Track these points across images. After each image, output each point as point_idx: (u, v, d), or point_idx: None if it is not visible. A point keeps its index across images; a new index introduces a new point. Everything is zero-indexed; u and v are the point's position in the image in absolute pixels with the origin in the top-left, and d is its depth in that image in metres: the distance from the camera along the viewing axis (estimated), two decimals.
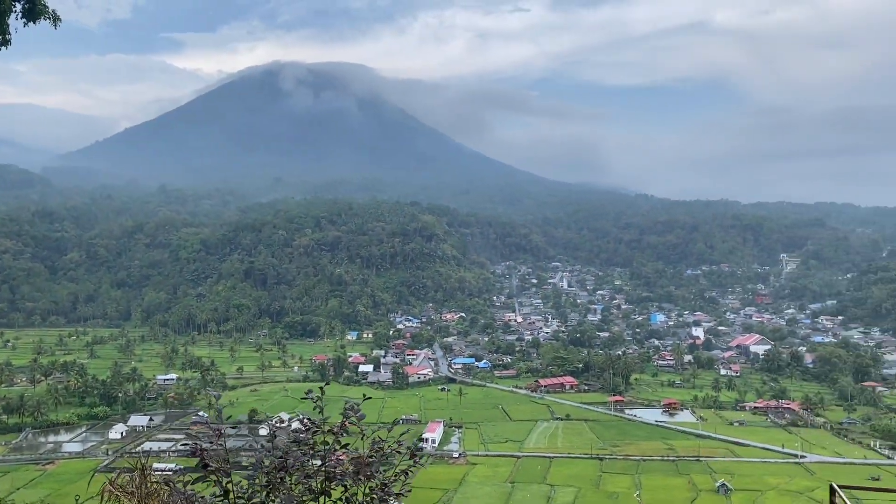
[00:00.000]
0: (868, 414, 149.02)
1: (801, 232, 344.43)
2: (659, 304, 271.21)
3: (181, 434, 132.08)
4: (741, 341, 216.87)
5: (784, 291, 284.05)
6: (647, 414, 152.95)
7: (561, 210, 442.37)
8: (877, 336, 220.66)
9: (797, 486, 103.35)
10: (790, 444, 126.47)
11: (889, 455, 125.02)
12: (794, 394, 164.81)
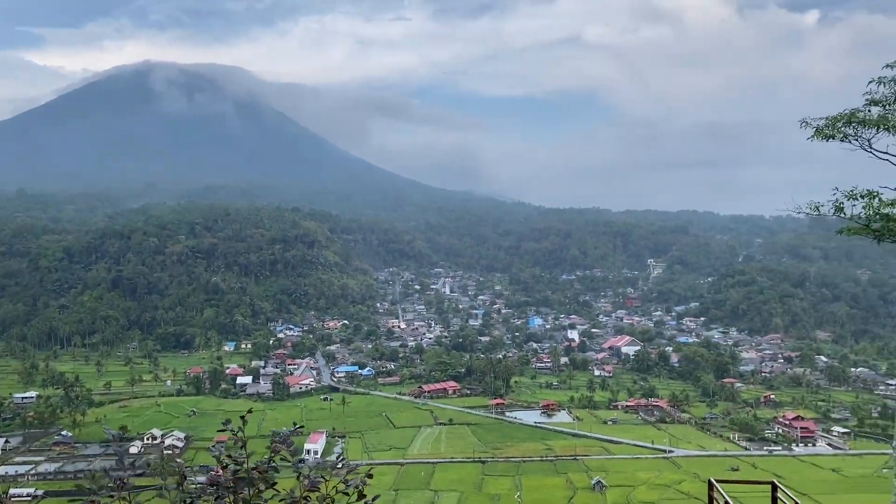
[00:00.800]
0: (727, 409, 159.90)
1: (667, 238, 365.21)
2: (537, 308, 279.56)
3: (42, 456, 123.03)
4: (613, 343, 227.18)
5: (652, 294, 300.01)
6: (527, 416, 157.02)
7: (443, 216, 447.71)
8: (734, 335, 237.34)
9: (666, 479, 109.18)
10: (659, 439, 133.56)
11: (746, 446, 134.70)
12: (662, 392, 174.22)
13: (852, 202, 22.15)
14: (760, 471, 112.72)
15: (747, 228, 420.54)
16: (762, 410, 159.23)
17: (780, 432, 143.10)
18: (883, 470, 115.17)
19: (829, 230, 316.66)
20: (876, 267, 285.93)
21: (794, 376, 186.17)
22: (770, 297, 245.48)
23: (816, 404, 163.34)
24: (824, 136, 23.35)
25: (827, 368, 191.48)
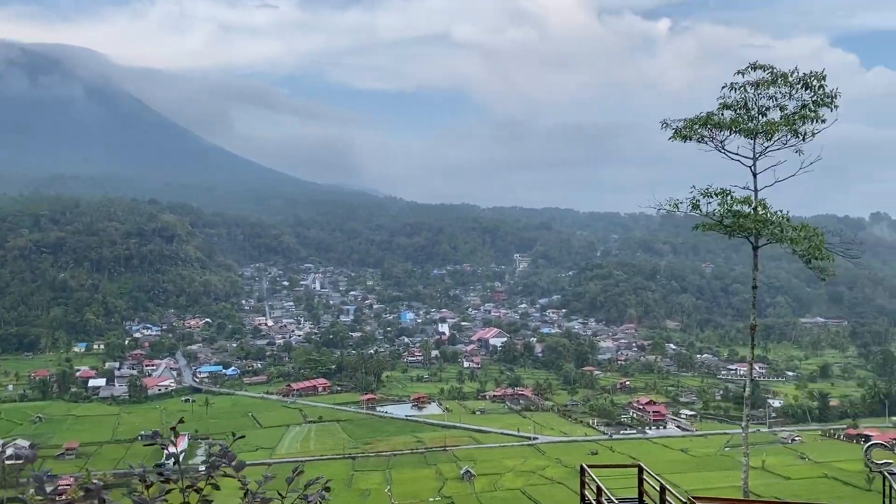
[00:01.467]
0: (587, 395, 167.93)
1: (531, 234, 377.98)
2: (408, 303, 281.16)
3: None
4: (482, 335, 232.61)
5: (518, 288, 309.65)
6: (398, 409, 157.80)
7: (313, 210, 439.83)
8: (593, 326, 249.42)
9: (531, 465, 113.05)
10: (524, 427, 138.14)
11: (604, 431, 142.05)
12: (527, 381, 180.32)
13: (707, 199, 23.85)
14: (618, 454, 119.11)
15: (605, 225, 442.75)
16: (619, 396, 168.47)
17: (634, 416, 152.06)
18: (726, 448, 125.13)
19: (677, 227, 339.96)
20: (718, 261, 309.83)
21: (646, 363, 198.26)
22: (625, 290, 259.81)
23: (667, 389, 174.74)
24: (683, 136, 24.95)
25: (676, 355, 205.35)
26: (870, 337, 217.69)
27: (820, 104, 22.79)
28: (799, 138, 22.97)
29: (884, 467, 17.61)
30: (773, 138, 23.53)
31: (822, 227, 24.10)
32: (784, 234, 22.39)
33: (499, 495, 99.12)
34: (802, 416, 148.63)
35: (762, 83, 23.48)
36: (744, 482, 23.29)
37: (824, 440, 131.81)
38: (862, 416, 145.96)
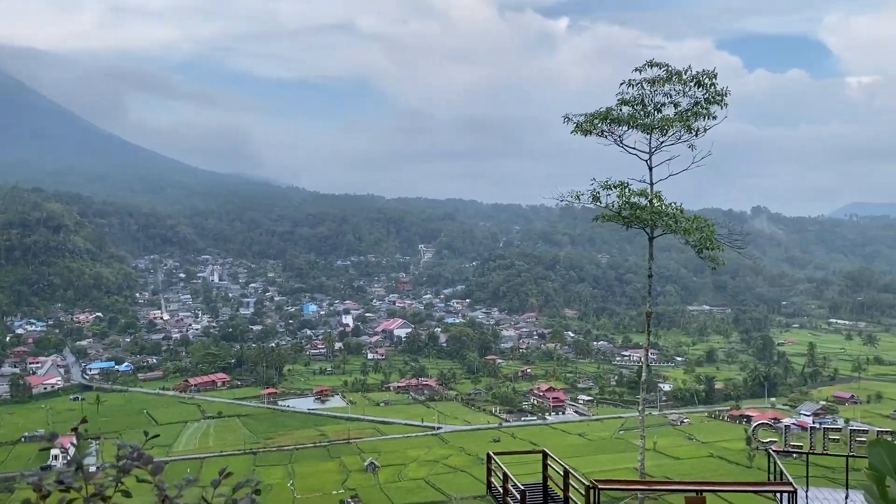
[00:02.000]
0: (490, 384, 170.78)
1: (436, 225, 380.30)
2: (311, 295, 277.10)
3: None
4: (386, 326, 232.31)
5: (422, 278, 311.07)
6: (301, 403, 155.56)
7: (212, 201, 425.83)
8: (496, 315, 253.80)
9: (435, 455, 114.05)
10: (428, 417, 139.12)
11: (506, 418, 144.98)
12: (431, 371, 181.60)
13: (607, 192, 24.64)
14: (519, 440, 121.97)
15: (507, 216, 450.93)
16: (520, 384, 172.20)
17: (535, 403, 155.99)
18: (620, 431, 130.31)
19: (576, 219, 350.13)
20: (613, 252, 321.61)
21: (547, 351, 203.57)
22: (527, 280, 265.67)
23: (565, 376, 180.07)
24: (584, 130, 25.62)
25: (574, 343, 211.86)
26: (751, 323, 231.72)
27: (711, 102, 23.93)
28: (692, 134, 24.04)
29: (768, 445, 18.83)
30: (667, 133, 24.54)
31: (710, 219, 25.40)
32: (678, 226, 23.41)
33: (403, 485, 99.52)
34: (690, 398, 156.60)
35: (658, 80, 24.42)
36: (640, 463, 24.30)
37: (710, 421, 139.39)
38: (744, 397, 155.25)
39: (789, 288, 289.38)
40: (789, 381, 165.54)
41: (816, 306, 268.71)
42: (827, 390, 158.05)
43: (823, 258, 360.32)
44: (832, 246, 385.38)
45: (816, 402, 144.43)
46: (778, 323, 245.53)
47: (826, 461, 18.78)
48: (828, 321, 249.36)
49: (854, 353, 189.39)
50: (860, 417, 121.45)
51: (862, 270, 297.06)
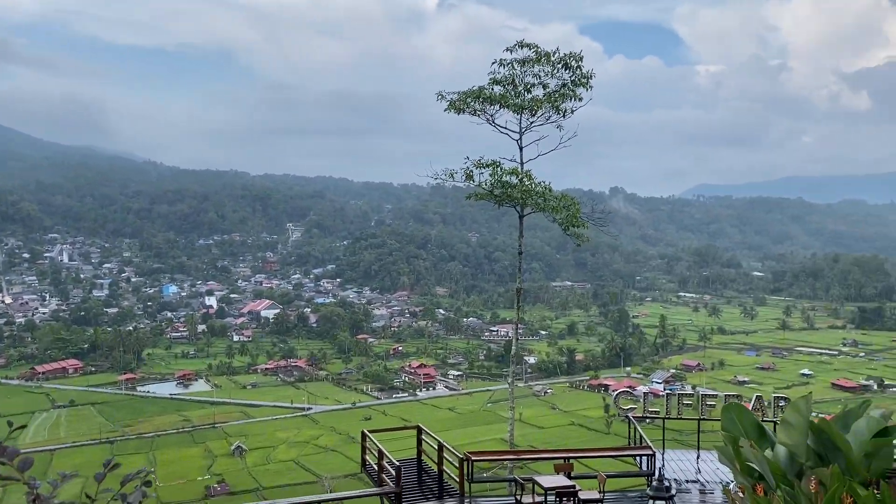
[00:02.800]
0: (362, 363, 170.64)
1: (305, 203, 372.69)
2: (171, 276, 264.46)
3: None
4: (253, 307, 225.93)
5: (291, 258, 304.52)
6: (162, 388, 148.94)
7: (59, 175, 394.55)
8: (368, 294, 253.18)
9: (305, 436, 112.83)
10: (298, 398, 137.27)
11: (378, 396, 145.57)
12: (301, 352, 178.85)
13: (480, 170, 24.97)
14: (390, 417, 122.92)
15: (378, 195, 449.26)
16: (392, 362, 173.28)
17: (406, 380, 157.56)
18: (488, 404, 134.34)
19: (446, 198, 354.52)
20: (483, 230, 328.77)
21: (418, 329, 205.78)
22: (398, 258, 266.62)
23: (436, 352, 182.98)
24: (457, 109, 25.77)
25: (445, 320, 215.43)
26: (608, 297, 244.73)
27: (577, 84, 24.74)
28: (560, 115, 24.80)
29: (629, 412, 19.94)
30: (537, 114, 25.18)
31: (575, 198, 26.39)
32: (546, 204, 24.15)
33: (272, 468, 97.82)
34: (553, 370, 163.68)
35: (528, 61, 24.94)
36: (510, 434, 25.09)
37: (571, 391, 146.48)
38: (602, 367, 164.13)
39: (643, 264, 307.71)
40: (643, 351, 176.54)
41: (667, 281, 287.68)
42: (676, 359, 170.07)
43: (674, 236, 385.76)
44: (681, 224, 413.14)
45: (667, 370, 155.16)
46: (633, 297, 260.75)
47: (677, 425, 20.14)
48: (677, 294, 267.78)
49: (700, 323, 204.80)
50: (705, 383, 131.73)
51: (707, 247, 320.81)
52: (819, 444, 7.56)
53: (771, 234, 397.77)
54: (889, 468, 7.40)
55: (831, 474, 6.51)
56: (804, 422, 7.54)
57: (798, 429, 7.38)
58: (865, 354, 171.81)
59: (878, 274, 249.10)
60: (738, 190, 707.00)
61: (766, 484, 7.15)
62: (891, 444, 7.58)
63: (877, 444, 7.40)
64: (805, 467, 7.35)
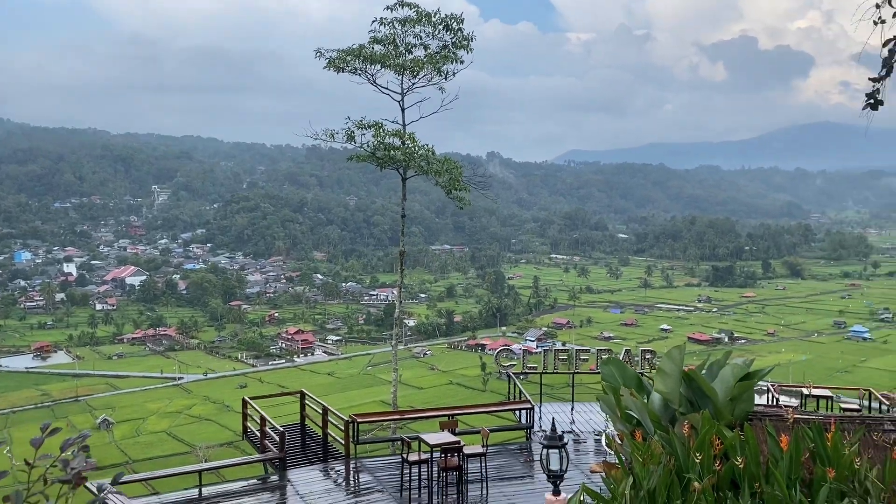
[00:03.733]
0: (236, 330, 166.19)
1: (171, 164, 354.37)
2: (24, 242, 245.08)
3: None
4: (117, 274, 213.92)
5: (157, 222, 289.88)
6: (17, 361, 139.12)
7: None
8: (241, 260, 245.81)
9: (176, 406, 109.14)
10: (168, 368, 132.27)
11: (253, 363, 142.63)
12: (170, 320, 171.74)
13: (362, 132, 24.59)
14: (267, 384, 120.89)
15: (250, 156, 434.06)
16: (268, 328, 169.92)
17: (283, 347, 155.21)
18: (368, 368, 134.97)
19: (323, 160, 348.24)
20: (361, 194, 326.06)
21: (295, 294, 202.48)
22: (273, 222, 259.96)
23: (314, 318, 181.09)
24: (336, 67, 25.14)
25: (323, 285, 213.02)
26: (485, 260, 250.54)
27: (458, 46, 24.71)
28: (442, 77, 24.74)
29: (508, 368, 20.60)
30: (419, 75, 25.01)
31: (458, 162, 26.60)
32: (430, 167, 24.16)
33: (142, 440, 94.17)
34: (432, 331, 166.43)
35: (409, 21, 24.63)
36: (393, 395, 25.31)
37: (450, 351, 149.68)
38: (479, 328, 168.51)
39: (518, 227, 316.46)
40: (517, 311, 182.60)
41: (540, 243, 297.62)
42: (548, 317, 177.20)
43: (547, 200, 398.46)
44: (554, 189, 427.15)
45: (540, 329, 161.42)
46: (508, 259, 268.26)
47: (551, 380, 21.06)
48: (549, 256, 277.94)
49: (570, 283, 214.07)
50: (574, 340, 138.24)
51: (577, 211, 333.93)
52: (689, 391, 8.13)
53: (635, 198, 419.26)
54: (751, 410, 8.07)
55: (702, 419, 7.01)
56: (678, 370, 8.07)
57: (673, 377, 7.91)
58: (718, 310, 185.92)
59: (730, 235, 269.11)
60: (606, 156, 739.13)
61: (644, 430, 7.61)
62: (752, 389, 8.26)
63: (740, 388, 8.04)
64: (677, 413, 7.88)
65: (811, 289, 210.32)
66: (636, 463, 6.48)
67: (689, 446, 6.74)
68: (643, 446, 6.92)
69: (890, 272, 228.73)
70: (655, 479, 6.17)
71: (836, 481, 6.23)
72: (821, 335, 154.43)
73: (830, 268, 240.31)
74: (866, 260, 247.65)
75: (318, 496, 14.40)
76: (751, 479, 6.36)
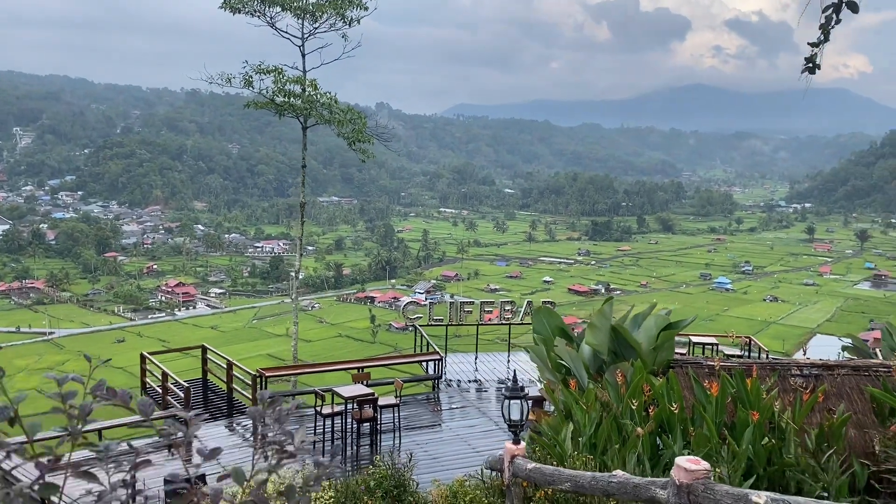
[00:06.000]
0: (111, 283, 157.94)
1: (35, 104, 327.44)
2: None
3: None
4: None
5: (20, 167, 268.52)
6: None
7: None
8: (115, 209, 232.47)
9: (48, 361, 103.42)
10: (37, 322, 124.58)
11: (131, 317, 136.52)
12: (38, 272, 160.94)
13: (261, 77, 23.56)
14: (146, 338, 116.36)
15: (125, 99, 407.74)
16: (146, 281, 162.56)
17: (163, 300, 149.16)
18: (253, 321, 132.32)
19: (203, 105, 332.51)
20: (244, 142, 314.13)
21: (175, 245, 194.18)
22: (150, 170, 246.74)
23: (196, 270, 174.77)
24: (233, 8, 23.87)
25: (204, 236, 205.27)
26: (374, 213, 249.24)
27: None
28: (345, 23, 24.00)
29: (415, 321, 20.73)
30: (320, 19, 24.14)
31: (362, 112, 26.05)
32: (333, 117, 23.56)
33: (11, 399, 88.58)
34: (321, 284, 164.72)
35: None
36: (294, 348, 24.99)
37: (339, 304, 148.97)
38: (368, 281, 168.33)
39: (408, 180, 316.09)
40: (407, 264, 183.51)
41: (430, 197, 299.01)
42: (437, 270, 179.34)
43: (436, 153, 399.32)
44: (443, 143, 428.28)
45: (428, 281, 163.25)
46: (398, 212, 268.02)
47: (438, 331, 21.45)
48: (438, 210, 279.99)
49: (458, 237, 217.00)
50: (462, 292, 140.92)
51: (465, 165, 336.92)
52: (615, 342, 8.48)
53: (521, 154, 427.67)
54: (672, 359, 8.53)
55: (634, 367, 7.34)
56: (608, 323, 8.39)
57: (603, 329, 8.22)
58: (596, 262, 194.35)
59: (609, 191, 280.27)
60: (493, 111, 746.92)
61: (577, 379, 7.90)
62: (673, 339, 8.73)
63: (663, 338, 8.47)
64: (605, 364, 8.22)
65: (681, 243, 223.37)
66: (579, 410, 6.72)
67: (621, 394, 7.06)
68: (578, 394, 7.18)
69: (751, 228, 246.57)
70: (597, 426, 6.44)
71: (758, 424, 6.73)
72: (688, 286, 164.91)
73: (699, 223, 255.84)
74: (731, 216, 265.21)
75: (227, 451, 14.10)
76: (683, 424, 6.76)
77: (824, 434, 6.93)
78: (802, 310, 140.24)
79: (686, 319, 9.82)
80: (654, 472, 6.49)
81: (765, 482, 6.55)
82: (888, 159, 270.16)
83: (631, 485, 4.17)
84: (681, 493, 3.67)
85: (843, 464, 6.56)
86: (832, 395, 7.69)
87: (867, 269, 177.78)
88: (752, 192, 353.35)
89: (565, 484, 4.90)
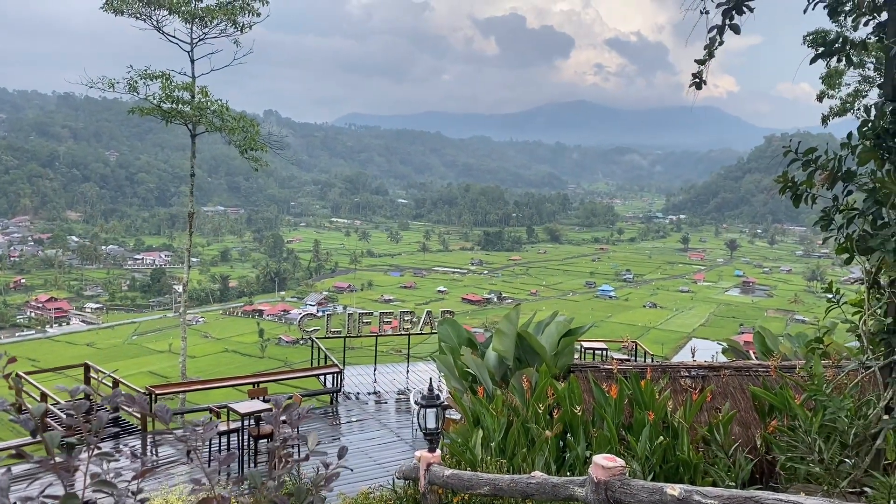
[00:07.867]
0: None
1: None
2: None
3: None
4: None
5: None
6: None
7: None
8: None
9: None
10: None
11: None
12: None
13: (146, 82, 22.60)
14: (16, 357, 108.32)
15: None
16: (13, 296, 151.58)
17: (33, 316, 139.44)
18: (133, 337, 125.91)
19: (77, 110, 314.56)
20: (123, 149, 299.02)
21: (46, 258, 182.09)
22: (17, 177, 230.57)
23: (70, 284, 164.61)
24: (115, 9, 22.82)
25: (79, 248, 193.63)
26: (263, 223, 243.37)
27: None
28: (237, 29, 23.46)
29: (313, 333, 20.41)
30: (210, 25, 23.49)
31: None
32: (224, 124, 22.93)
33: None
34: (205, 298, 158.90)
35: None
36: (182, 364, 24.02)
37: (225, 318, 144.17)
38: (257, 293, 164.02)
39: (297, 189, 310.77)
40: (297, 276, 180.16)
41: (321, 206, 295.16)
42: (329, 282, 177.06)
43: (327, 163, 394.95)
44: (334, 151, 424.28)
45: (320, 293, 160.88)
46: (287, 222, 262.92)
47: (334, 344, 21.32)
48: (330, 220, 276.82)
49: (351, 247, 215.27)
50: (356, 303, 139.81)
51: (358, 174, 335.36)
52: (520, 349, 8.72)
53: (414, 164, 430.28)
54: (572, 363, 8.85)
55: (539, 372, 7.58)
56: (514, 330, 8.61)
57: (510, 336, 8.43)
58: (488, 272, 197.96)
59: (500, 202, 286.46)
60: (385, 121, 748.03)
61: (484, 386, 8.05)
62: (573, 344, 9.06)
63: (563, 344, 8.79)
64: (510, 370, 8.43)
65: (568, 252, 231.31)
66: (489, 416, 6.87)
67: (527, 399, 7.27)
68: (486, 400, 7.33)
69: (631, 238, 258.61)
70: (506, 431, 6.60)
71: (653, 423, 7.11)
72: (575, 294, 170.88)
73: (583, 233, 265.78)
74: (613, 227, 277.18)
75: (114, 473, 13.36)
76: (585, 425, 7.04)
77: (713, 431, 7.41)
78: (679, 315, 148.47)
79: (584, 326, 10.26)
80: (560, 472, 6.73)
81: (661, 479, 6.93)
82: (754, 174, 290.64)
83: (550, 485, 4.34)
84: (599, 490, 3.88)
85: (731, 458, 7.06)
86: (718, 395, 8.24)
87: (736, 276, 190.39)
88: (632, 203, 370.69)
89: (484, 488, 5.02)
